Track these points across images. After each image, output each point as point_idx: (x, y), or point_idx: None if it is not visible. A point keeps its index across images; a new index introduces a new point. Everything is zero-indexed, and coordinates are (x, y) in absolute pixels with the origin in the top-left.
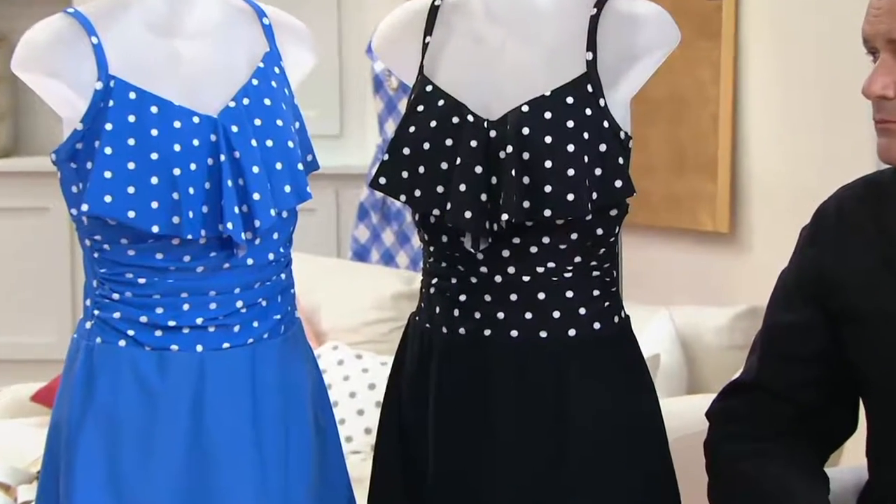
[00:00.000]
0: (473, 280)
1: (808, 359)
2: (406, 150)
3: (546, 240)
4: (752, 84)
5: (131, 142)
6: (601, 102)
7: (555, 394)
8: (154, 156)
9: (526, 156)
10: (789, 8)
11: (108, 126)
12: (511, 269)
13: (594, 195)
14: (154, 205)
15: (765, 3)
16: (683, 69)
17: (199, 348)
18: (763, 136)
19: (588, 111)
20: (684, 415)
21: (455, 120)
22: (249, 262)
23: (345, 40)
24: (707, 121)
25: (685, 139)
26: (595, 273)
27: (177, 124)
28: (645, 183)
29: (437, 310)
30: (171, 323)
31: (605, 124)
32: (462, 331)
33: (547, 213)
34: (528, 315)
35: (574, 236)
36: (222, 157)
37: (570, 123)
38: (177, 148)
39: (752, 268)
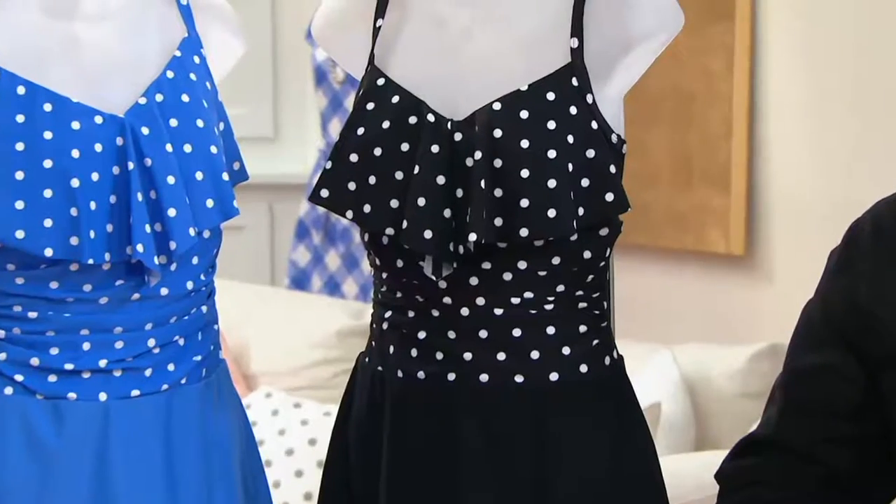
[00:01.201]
0: (435, 313)
1: (839, 412)
2: (353, 157)
3: (522, 265)
4: (772, 77)
5: (20, 146)
6: (588, 99)
7: (533, 453)
8: (48, 163)
9: (498, 163)
10: None
11: None
12: (480, 301)
13: (580, 211)
14: (47, 223)
15: None
16: (689, 58)
17: (103, 396)
18: (786, 140)
19: (573, 109)
20: (690, 476)
21: (412, 120)
22: (164, 291)
23: (280, 23)
24: (718, 121)
25: (692, 143)
26: (582, 305)
27: (75, 125)
28: (643, 196)
29: (392, 349)
30: (69, 366)
31: (594, 125)
32: (421, 374)
33: (523, 232)
34: (501, 356)
35: (556, 261)
36: (130, 165)
37: (552, 124)
38: (75, 154)
39: (771, 298)
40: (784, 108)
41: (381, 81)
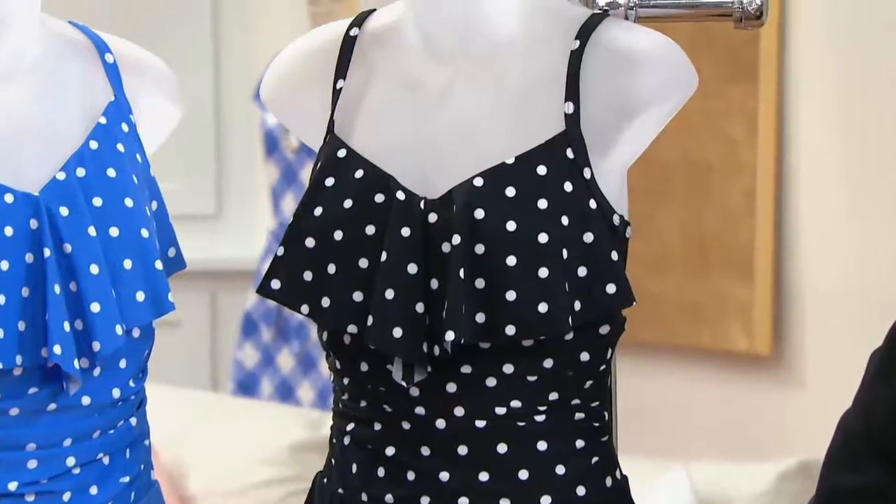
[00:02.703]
0: (406, 426)
1: None
2: (310, 242)
3: (509, 369)
4: (803, 144)
5: None
6: (586, 173)
7: None
8: None
9: (480, 249)
10: (858, 34)
11: None
12: (459, 411)
13: (577, 305)
14: None
15: (823, 26)
16: (705, 124)
17: None
18: (819, 220)
19: (567, 186)
20: None
21: (379, 198)
22: (86, 401)
23: (223, 82)
24: (740, 197)
25: (708, 222)
26: (579, 416)
27: None
28: (651, 285)
29: (355, 468)
30: None
31: (592, 204)
32: (389, 498)
33: (510, 330)
34: (484, 476)
35: (549, 364)
36: (47, 252)
37: (543, 203)
38: None
39: (802, 407)
40: (817, 182)
41: (342, 153)
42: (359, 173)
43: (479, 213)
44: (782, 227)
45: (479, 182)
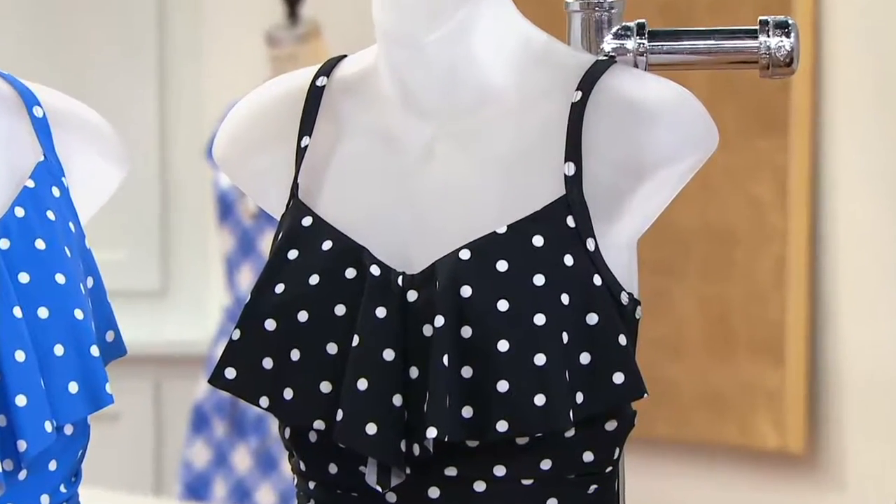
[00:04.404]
0: None
1: None
2: (270, 324)
3: (500, 471)
4: (841, 208)
5: None
6: (589, 245)
7: None
8: None
9: (467, 332)
10: None
11: None
12: None
13: (579, 397)
14: None
15: (862, 73)
16: (728, 184)
17: None
18: (860, 296)
19: (568, 259)
20: None
21: (350, 273)
22: None
23: (170, 139)
24: (768, 269)
25: (732, 299)
26: None
27: None
28: (667, 372)
29: None
30: None
31: (597, 280)
32: None
33: (501, 426)
34: None
35: (546, 465)
36: None
37: (539, 279)
38: None
39: None
40: (857, 251)
41: (307, 221)
42: (327, 245)
43: (466, 291)
44: (817, 304)
45: (465, 255)
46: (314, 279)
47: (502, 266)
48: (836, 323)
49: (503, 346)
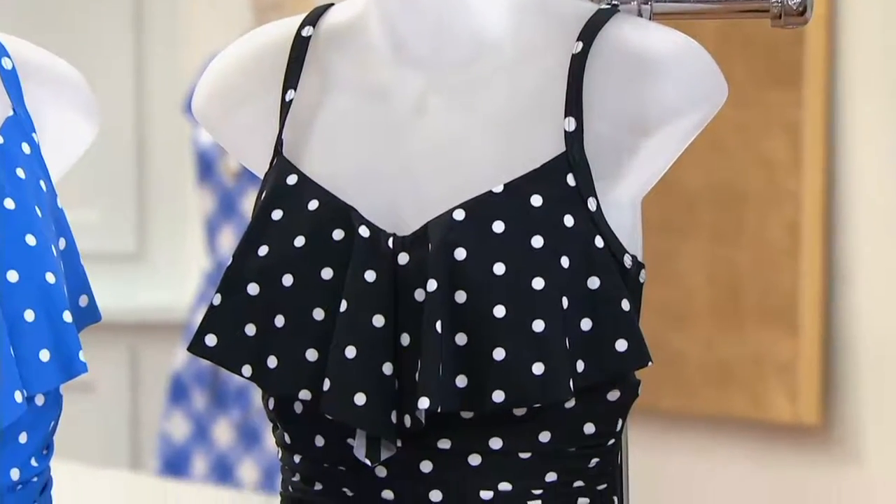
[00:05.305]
0: None
1: None
2: (253, 288)
3: (496, 444)
4: (857, 168)
5: None
6: (591, 204)
7: None
8: None
9: (461, 297)
10: None
11: None
12: (436, 496)
13: (580, 365)
14: None
15: (880, 22)
16: (738, 142)
17: None
18: (877, 261)
19: (568, 220)
20: None
21: (338, 235)
22: None
23: (146, 93)
24: (780, 231)
25: (742, 263)
26: (583, 501)
27: None
28: (673, 341)
29: None
30: None
31: (598, 242)
32: None
33: (497, 396)
34: None
35: (545, 437)
36: None
37: (538, 241)
38: None
39: (858, 486)
40: (874, 213)
41: (292, 179)
42: (313, 204)
43: (461, 254)
44: (832, 269)
45: (460, 215)
46: (299, 241)
47: (498, 227)
48: (852, 290)
49: (499, 311)
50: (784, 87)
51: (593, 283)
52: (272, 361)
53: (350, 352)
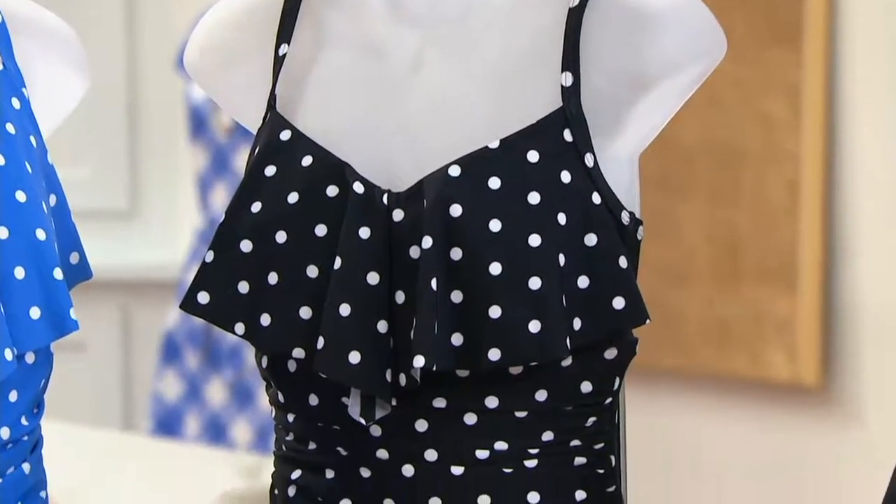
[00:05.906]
0: (365, 473)
1: None
2: (246, 245)
3: (492, 402)
4: (858, 126)
5: None
6: (588, 160)
7: None
8: None
9: (456, 254)
10: None
11: None
12: (431, 455)
13: (577, 323)
14: None
15: None
16: (736, 99)
17: None
18: (877, 220)
19: (565, 176)
20: None
21: (332, 191)
22: None
23: (138, 48)
24: (779, 190)
25: (741, 222)
26: (579, 461)
27: None
28: (671, 299)
29: None
30: None
31: (596, 199)
32: None
33: (493, 354)
34: None
35: (542, 396)
36: None
37: (534, 197)
38: None
39: (858, 446)
40: (874, 172)
41: (285, 135)
42: (307, 160)
43: (456, 210)
44: (832, 228)
45: (455, 171)
46: (293, 197)
47: (494, 183)
48: (852, 249)
49: (495, 268)
50: (783, 45)
51: (590, 240)
52: (265, 319)
53: (344, 309)
